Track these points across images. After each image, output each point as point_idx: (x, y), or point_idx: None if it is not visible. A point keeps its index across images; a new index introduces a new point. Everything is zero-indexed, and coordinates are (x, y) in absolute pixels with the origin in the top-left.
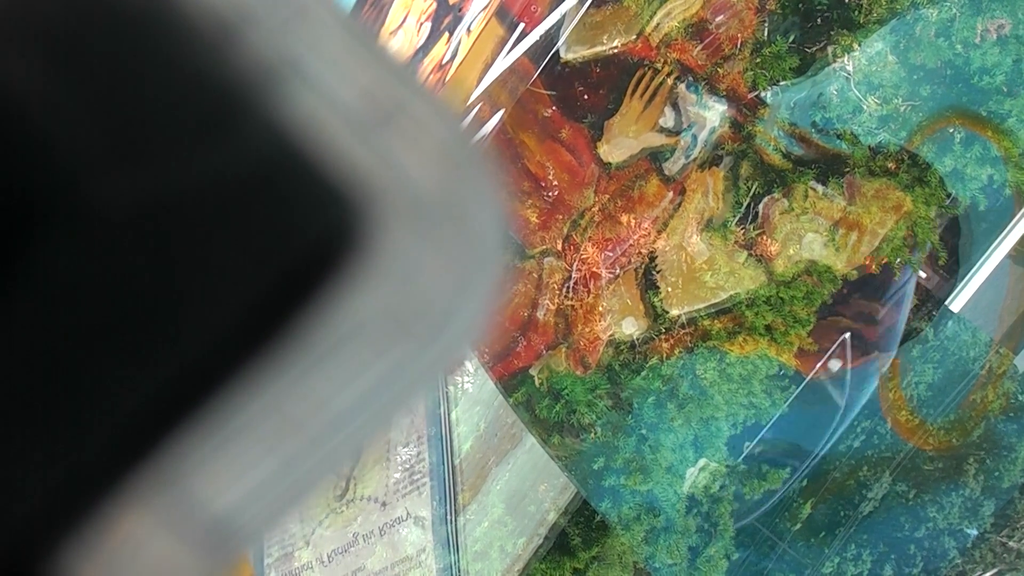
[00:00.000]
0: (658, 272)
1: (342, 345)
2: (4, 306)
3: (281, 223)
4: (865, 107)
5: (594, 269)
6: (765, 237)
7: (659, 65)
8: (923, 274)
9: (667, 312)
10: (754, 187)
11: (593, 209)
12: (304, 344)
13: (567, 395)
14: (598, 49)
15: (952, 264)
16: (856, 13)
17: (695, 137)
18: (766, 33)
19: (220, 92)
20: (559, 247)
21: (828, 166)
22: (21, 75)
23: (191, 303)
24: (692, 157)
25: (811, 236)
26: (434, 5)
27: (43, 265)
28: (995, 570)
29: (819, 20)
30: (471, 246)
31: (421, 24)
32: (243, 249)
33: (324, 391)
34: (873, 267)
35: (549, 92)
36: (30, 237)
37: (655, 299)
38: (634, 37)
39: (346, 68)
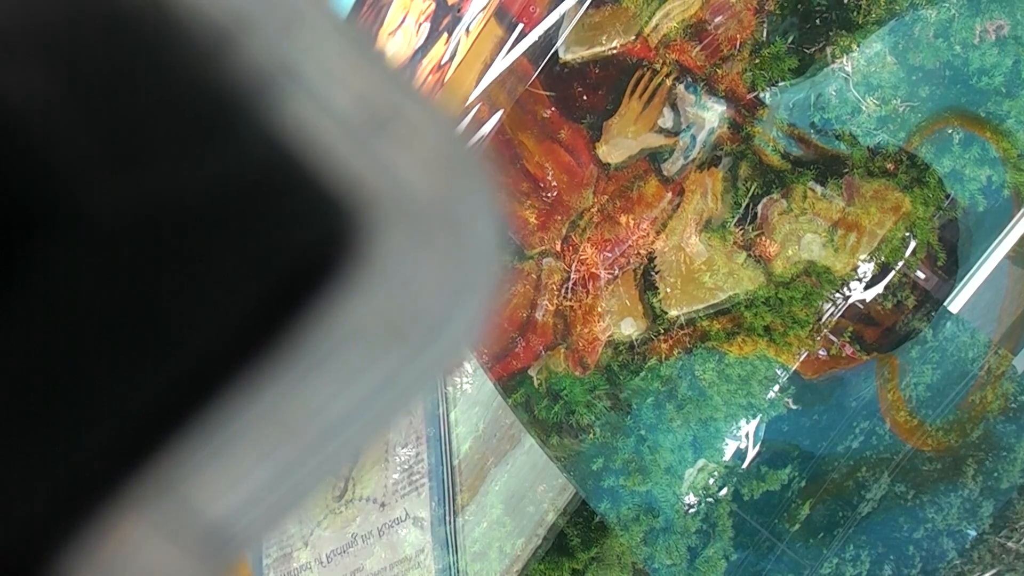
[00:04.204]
0: (657, 273)
1: (338, 351)
2: (3, 312)
3: (277, 229)
4: (864, 108)
5: (593, 270)
6: (764, 238)
7: (658, 66)
8: (922, 275)
9: (666, 313)
10: (753, 188)
11: (592, 210)
12: (300, 350)
13: (566, 396)
14: (597, 50)
15: (951, 265)
16: (855, 14)
17: (694, 138)
18: (765, 34)
19: (216, 98)
20: (558, 248)
21: (827, 167)
22: (20, 84)
23: (187, 309)
24: (691, 158)
25: (810, 237)
26: (433, 6)
27: (41, 272)
28: (993, 571)
29: (818, 21)
30: (467, 251)
31: (420, 25)
32: (239, 255)
33: (320, 397)
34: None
35: (548, 93)
36: (29, 244)
37: (654, 300)
38: (633, 38)
39: (342, 74)
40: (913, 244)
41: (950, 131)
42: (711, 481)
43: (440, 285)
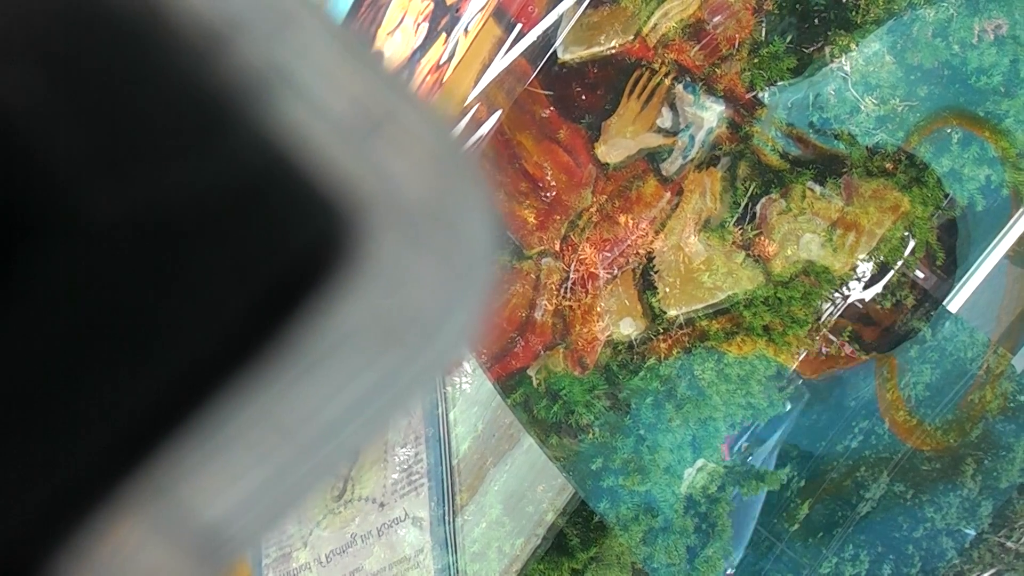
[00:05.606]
0: (656, 272)
1: (332, 353)
2: None
3: (271, 232)
4: (862, 107)
5: (592, 270)
6: (763, 237)
7: (656, 65)
8: (921, 274)
9: (665, 312)
10: (752, 187)
11: (591, 210)
12: (295, 352)
13: (565, 395)
14: (595, 50)
15: (950, 264)
16: (853, 13)
17: (692, 137)
18: (763, 33)
19: (209, 101)
20: (557, 248)
21: (826, 166)
22: (15, 86)
23: (182, 312)
24: (690, 157)
25: (809, 236)
26: (431, 6)
27: (36, 276)
28: (993, 570)
29: (816, 20)
30: (462, 253)
31: (418, 25)
32: (233, 258)
33: (315, 399)
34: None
35: (547, 93)
36: (24, 247)
37: (653, 299)
38: (631, 37)
39: (335, 76)
40: (912, 243)
41: (949, 130)
42: (710, 480)
43: (435, 287)
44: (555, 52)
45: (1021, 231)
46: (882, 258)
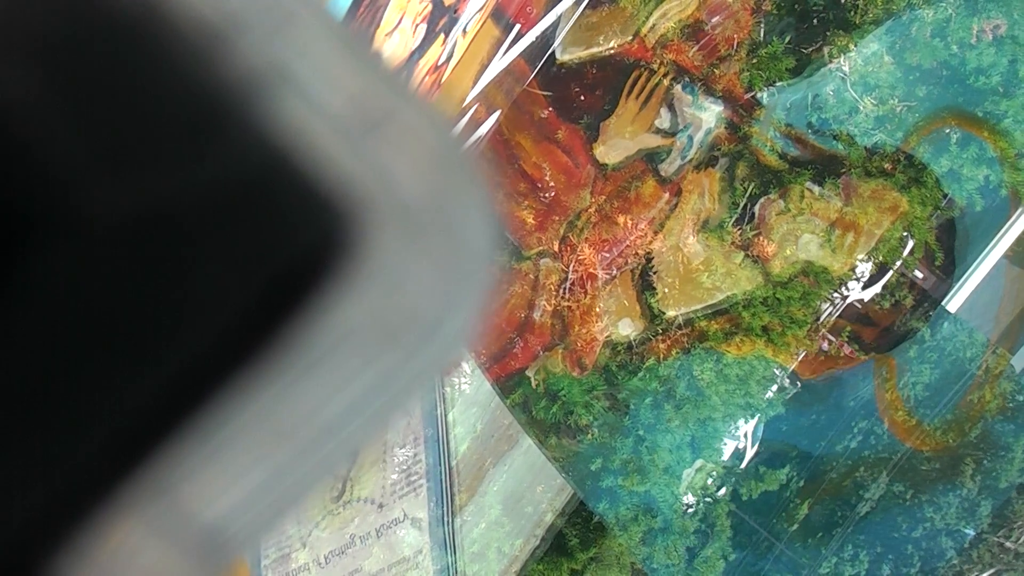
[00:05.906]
0: (655, 273)
1: (331, 353)
2: None
3: (270, 231)
4: (861, 108)
5: (591, 270)
6: (761, 238)
7: (655, 66)
8: (920, 274)
9: (664, 313)
10: (750, 188)
11: (589, 210)
12: (293, 353)
13: (564, 396)
14: (594, 50)
15: (948, 264)
16: (852, 14)
17: (691, 138)
18: (762, 34)
19: (209, 99)
20: (555, 248)
21: (824, 167)
22: (16, 85)
23: (181, 312)
24: (688, 158)
25: (807, 237)
26: (430, 7)
27: (37, 274)
28: (992, 570)
29: (815, 21)
30: (461, 253)
31: (417, 26)
32: (232, 257)
33: (313, 400)
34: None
35: (545, 93)
36: (24, 246)
37: (652, 300)
38: (630, 38)
39: (335, 75)
40: (911, 244)
41: (947, 131)
42: (709, 481)
43: (433, 287)
44: (554, 53)
45: (1020, 231)
46: (881, 258)
